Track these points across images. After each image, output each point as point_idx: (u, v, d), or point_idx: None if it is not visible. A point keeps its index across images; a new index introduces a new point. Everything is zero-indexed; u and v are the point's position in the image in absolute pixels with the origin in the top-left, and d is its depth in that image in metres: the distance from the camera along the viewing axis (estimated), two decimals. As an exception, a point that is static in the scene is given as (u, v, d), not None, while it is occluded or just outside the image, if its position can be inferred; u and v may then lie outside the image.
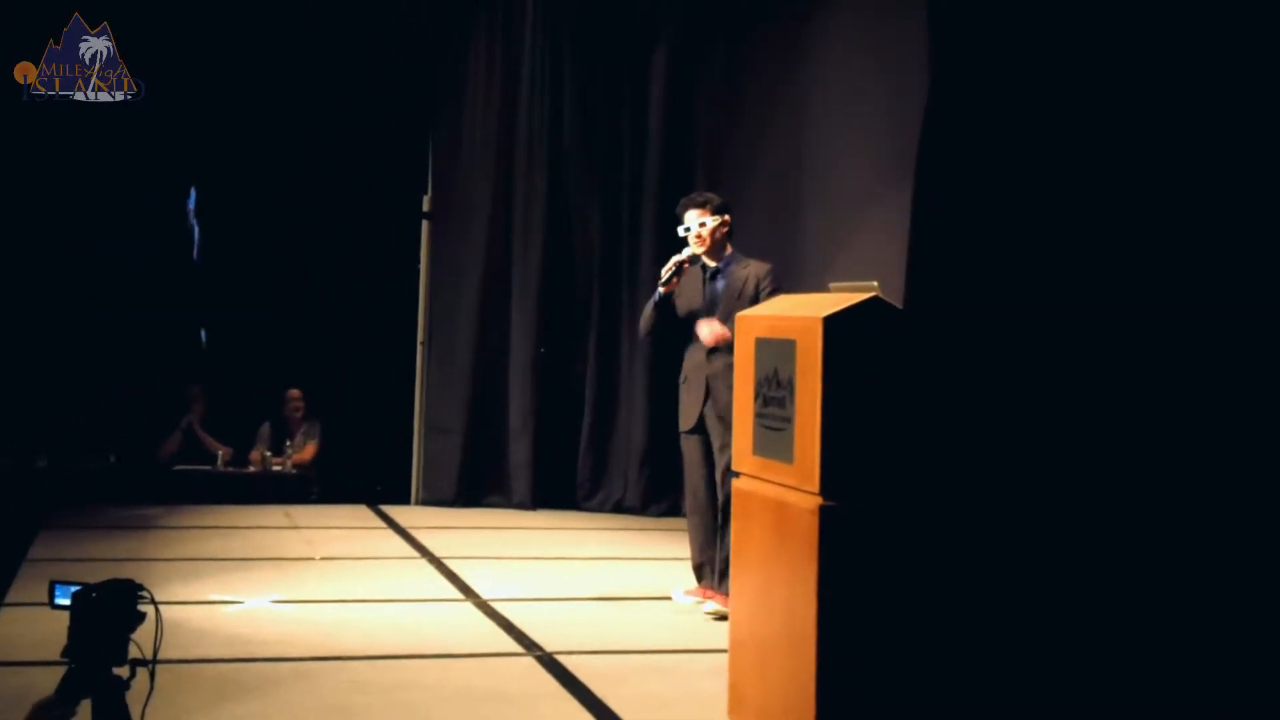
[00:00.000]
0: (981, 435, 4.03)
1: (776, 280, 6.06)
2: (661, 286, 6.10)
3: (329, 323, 10.13)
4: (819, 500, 3.74)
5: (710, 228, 6.11)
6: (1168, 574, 4.30)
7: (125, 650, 3.11)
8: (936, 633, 3.81)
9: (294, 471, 9.71)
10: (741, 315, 4.46)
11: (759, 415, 4.12)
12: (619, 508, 9.45)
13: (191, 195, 10.43)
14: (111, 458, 9.60)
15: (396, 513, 9.16)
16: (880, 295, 3.83)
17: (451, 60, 9.69)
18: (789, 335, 3.94)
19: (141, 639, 3.14)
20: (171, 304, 10.18)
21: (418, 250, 9.86)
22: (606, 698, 4.71)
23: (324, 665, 5.07)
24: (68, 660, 3.12)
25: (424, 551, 7.64)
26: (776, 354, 4.00)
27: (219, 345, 10.37)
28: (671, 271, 6.07)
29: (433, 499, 9.57)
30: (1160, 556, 4.31)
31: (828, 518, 3.72)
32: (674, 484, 8.31)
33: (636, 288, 9.39)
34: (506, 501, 9.52)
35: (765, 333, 4.14)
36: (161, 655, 3.20)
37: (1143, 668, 4.17)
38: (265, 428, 9.98)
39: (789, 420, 3.90)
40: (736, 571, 4.32)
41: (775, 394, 3.99)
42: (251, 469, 9.77)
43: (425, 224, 9.85)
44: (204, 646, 5.23)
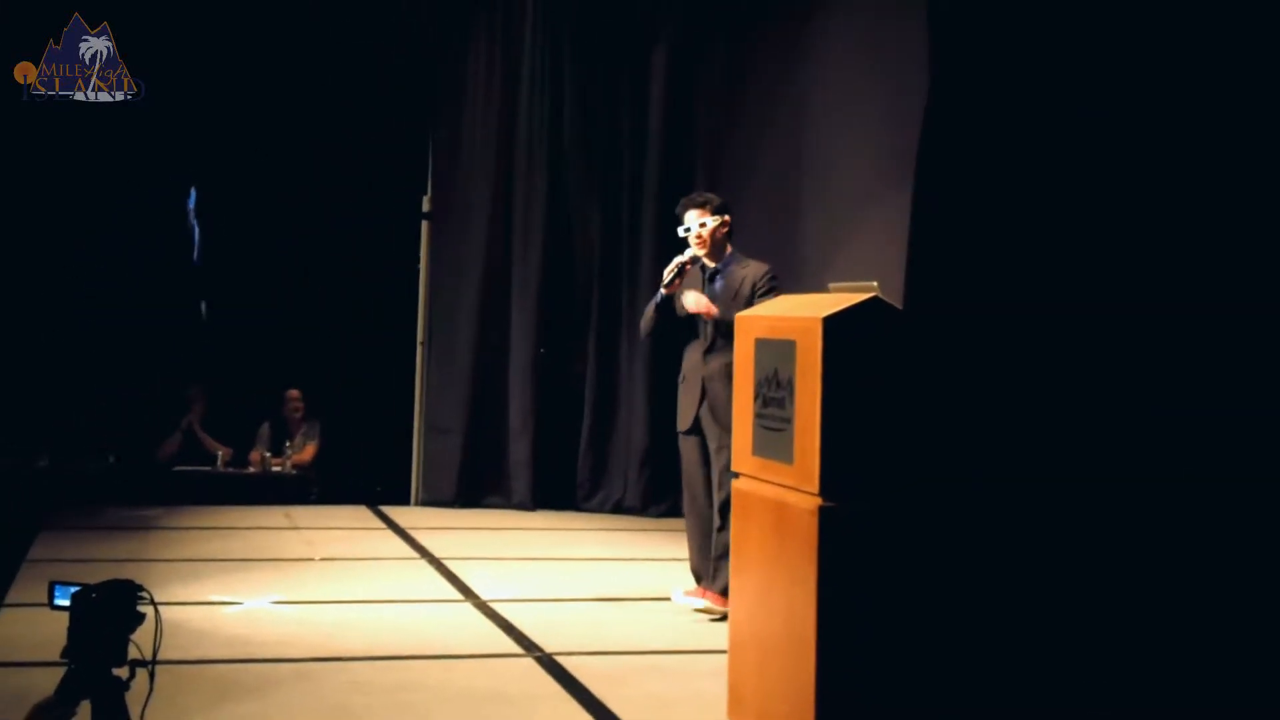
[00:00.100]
0: (981, 435, 4.03)
1: (775, 281, 6.06)
2: (664, 288, 6.10)
3: (329, 323, 10.12)
4: (819, 501, 3.74)
5: (710, 228, 6.11)
6: (1168, 574, 4.30)
7: (125, 651, 3.11)
8: (936, 633, 3.81)
9: (294, 472, 9.71)
10: (741, 316, 4.46)
11: (759, 416, 4.11)
12: (619, 508, 9.45)
13: (191, 195, 10.44)
14: (111, 458, 9.61)
15: (396, 513, 9.16)
16: (880, 295, 3.83)
17: (451, 60, 9.69)
18: (789, 336, 3.94)
19: (141, 640, 3.14)
20: (171, 304, 10.18)
21: (418, 250, 9.86)
22: (606, 698, 4.71)
23: (324, 666, 5.07)
24: (67, 661, 3.11)
25: (424, 552, 7.63)
26: (776, 354, 4.00)
27: (219, 345, 10.36)
28: (674, 273, 6.07)
29: (432, 499, 9.57)
30: (1160, 556, 4.31)
31: (827, 518, 3.72)
32: (674, 484, 8.28)
33: (636, 288, 9.40)
34: (506, 502, 9.52)
35: (765, 333, 4.13)
36: (161, 656, 3.20)
37: (1143, 668, 4.17)
38: (265, 428, 9.98)
39: (789, 421, 3.89)
40: (736, 572, 4.31)
41: (775, 394, 3.99)
42: (251, 469, 9.76)
43: (425, 224, 9.85)
44: (204, 647, 5.24)
